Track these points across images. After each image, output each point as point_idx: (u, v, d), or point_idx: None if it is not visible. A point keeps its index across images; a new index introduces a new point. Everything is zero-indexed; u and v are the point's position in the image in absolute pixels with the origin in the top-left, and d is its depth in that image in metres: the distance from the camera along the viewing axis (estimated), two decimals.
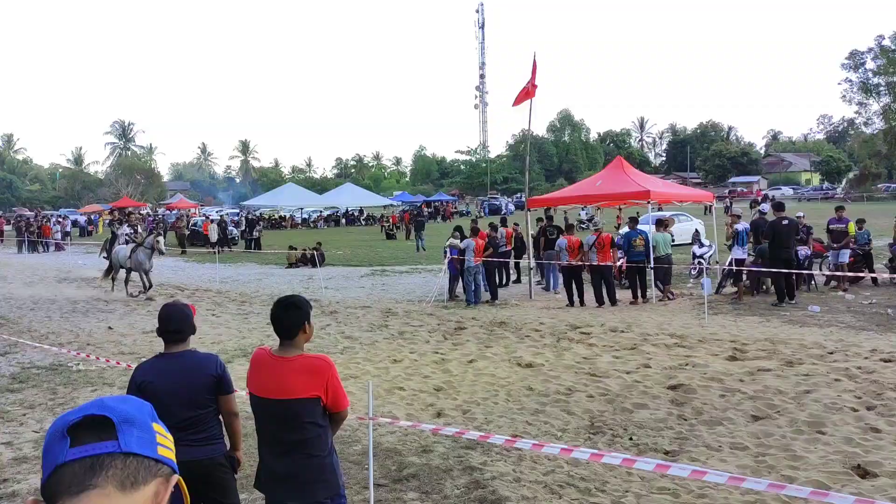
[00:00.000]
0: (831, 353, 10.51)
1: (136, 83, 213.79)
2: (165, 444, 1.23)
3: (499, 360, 10.67)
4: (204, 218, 48.44)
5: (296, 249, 28.16)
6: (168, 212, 63.51)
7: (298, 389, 3.73)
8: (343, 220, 66.06)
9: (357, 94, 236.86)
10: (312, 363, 3.80)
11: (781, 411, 7.81)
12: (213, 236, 35.80)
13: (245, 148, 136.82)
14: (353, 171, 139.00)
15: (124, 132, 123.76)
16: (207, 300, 17.97)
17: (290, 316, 3.84)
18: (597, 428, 7.51)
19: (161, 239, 20.13)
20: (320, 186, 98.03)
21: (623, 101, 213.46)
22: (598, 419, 7.79)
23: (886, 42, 77.36)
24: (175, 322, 4.26)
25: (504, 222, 21.62)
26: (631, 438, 7.14)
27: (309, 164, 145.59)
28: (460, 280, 17.53)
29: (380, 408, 8.19)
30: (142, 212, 56.42)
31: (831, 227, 17.81)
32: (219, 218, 43.47)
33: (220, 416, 4.28)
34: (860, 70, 79.28)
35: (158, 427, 1.24)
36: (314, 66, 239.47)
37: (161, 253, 20.10)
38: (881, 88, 78.45)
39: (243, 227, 40.97)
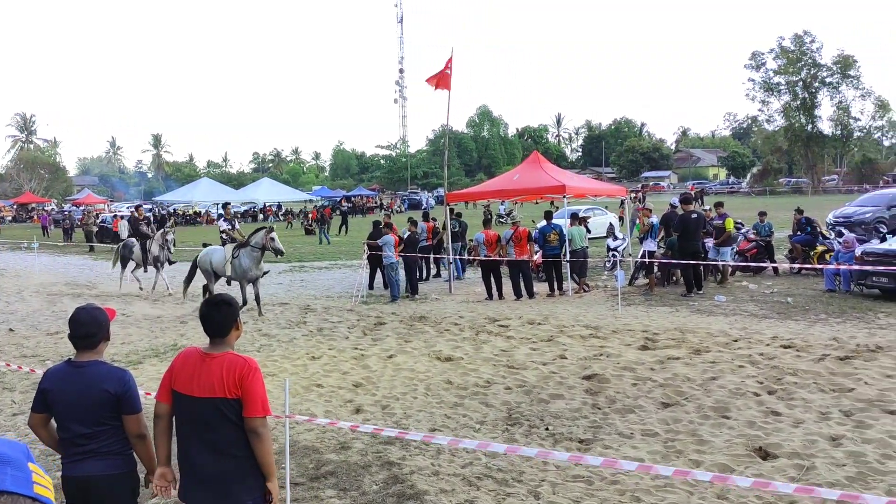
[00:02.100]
0: (736, 341, 10.98)
1: (39, 74, 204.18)
2: (42, 482, 1.24)
3: (418, 355, 10.69)
4: (114, 215, 46.65)
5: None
6: (74, 208, 60.92)
7: (224, 388, 3.64)
8: (261, 216, 64.84)
9: (275, 88, 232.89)
10: (238, 362, 3.71)
11: (689, 398, 8.11)
12: (124, 233, 34.52)
13: (157, 142, 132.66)
14: (270, 165, 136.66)
15: (26, 125, 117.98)
16: (117, 300, 17.33)
17: (222, 313, 3.79)
18: (514, 419, 7.62)
19: (275, 235, 15.00)
20: (237, 181, 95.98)
21: (540, 98, 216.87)
22: (516, 410, 7.90)
23: (786, 43, 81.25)
24: (84, 327, 3.94)
25: (425, 217, 21.65)
26: (547, 428, 7.27)
27: (225, 159, 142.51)
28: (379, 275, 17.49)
29: (297, 405, 8.09)
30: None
31: (714, 223, 18.02)
32: (129, 214, 42.01)
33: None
34: (762, 70, 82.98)
35: (35, 467, 1.25)
36: (231, 59, 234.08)
37: (280, 253, 15.47)
38: (782, 87, 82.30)
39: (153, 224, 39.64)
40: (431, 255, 19.99)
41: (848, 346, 10.29)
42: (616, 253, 19.79)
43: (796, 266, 18.11)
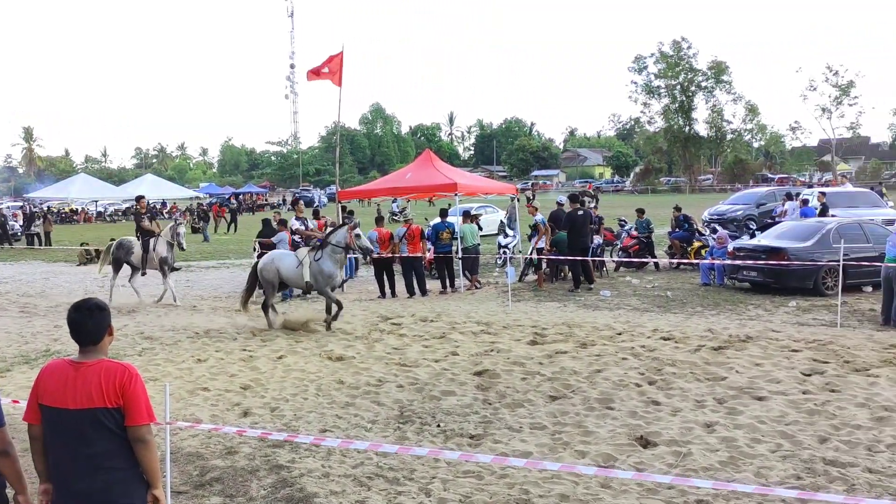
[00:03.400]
0: (619, 334, 11.40)
1: None
2: None
3: (309, 355, 10.53)
4: None
5: (88, 245, 26.12)
6: None
7: (104, 397, 3.42)
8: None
9: (160, 80, 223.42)
10: (116, 369, 3.51)
11: (576, 390, 8.35)
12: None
13: (29, 135, 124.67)
14: (154, 161, 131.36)
15: None
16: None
17: (95, 319, 3.55)
18: (406, 417, 7.62)
19: (361, 232, 12.93)
20: (118, 178, 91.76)
21: (433, 96, 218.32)
22: (408, 408, 7.91)
23: (666, 48, 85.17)
24: None
25: (316, 214, 21.34)
26: (439, 425, 7.31)
27: (104, 154, 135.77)
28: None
29: (181, 411, 7.80)
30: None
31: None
32: (133, 205, 39.37)
33: None
34: (644, 73, 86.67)
35: None
36: (111, 48, 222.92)
37: (369, 254, 13.78)
38: (662, 90, 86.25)
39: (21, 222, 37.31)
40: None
41: (721, 337, 10.88)
42: (507, 250, 20.16)
43: (675, 261, 18.99)
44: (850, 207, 21.80)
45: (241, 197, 73.24)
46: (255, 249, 17.64)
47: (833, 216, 18.21)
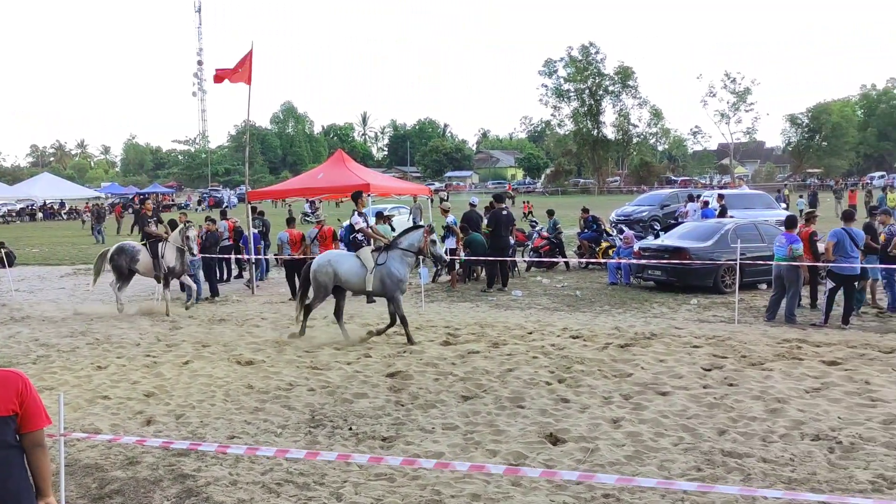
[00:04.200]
0: (530, 333, 11.59)
1: None
2: None
3: (217, 360, 10.24)
4: None
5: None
6: None
7: (4, 405, 3.25)
8: (40, 215, 59.24)
9: (57, 74, 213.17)
10: (9, 376, 3.32)
11: (488, 390, 8.43)
12: None
13: None
14: (52, 160, 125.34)
15: None
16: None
17: None
18: (317, 421, 7.51)
19: (436, 237, 12.23)
20: (11, 176, 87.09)
21: (346, 96, 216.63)
22: (319, 412, 7.79)
23: (575, 53, 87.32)
24: None
25: (224, 215, 20.81)
26: (350, 428, 7.24)
27: None
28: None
29: (79, 420, 7.46)
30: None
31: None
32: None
33: None
34: (554, 77, 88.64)
35: None
36: (1, 38, 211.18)
37: (440, 262, 12.84)
38: (571, 94, 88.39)
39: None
40: (233, 256, 19.26)
41: (627, 335, 11.21)
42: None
43: (584, 261, 19.45)
44: (746, 209, 22.91)
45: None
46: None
47: (731, 217, 19.07)
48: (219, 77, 17.03)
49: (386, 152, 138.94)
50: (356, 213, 12.08)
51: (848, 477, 5.76)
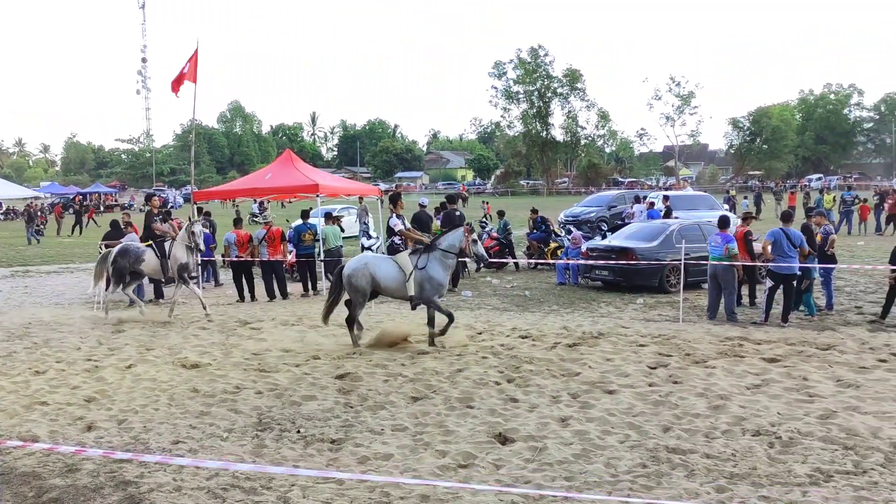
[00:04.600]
0: (480, 333, 11.64)
1: None
2: None
3: (161, 363, 10.02)
4: None
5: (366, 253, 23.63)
6: None
7: None
8: None
9: None
10: None
11: (437, 390, 8.43)
12: None
13: None
14: None
15: None
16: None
17: None
18: (265, 424, 7.41)
19: (476, 236, 11.47)
20: None
21: (295, 96, 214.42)
22: (267, 415, 7.69)
23: (524, 55, 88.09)
24: None
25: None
26: (299, 431, 7.16)
27: None
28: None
29: (15, 428, 7.22)
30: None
31: None
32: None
33: None
34: (503, 78, 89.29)
35: None
36: None
37: (483, 262, 11.79)
38: (520, 96, 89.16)
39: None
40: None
41: (575, 334, 11.34)
42: (370, 252, 20.09)
43: (533, 262, 19.61)
44: (690, 210, 23.40)
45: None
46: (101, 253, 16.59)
47: (676, 218, 19.45)
48: (175, 86, 16.71)
49: (335, 152, 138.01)
50: (394, 214, 11.41)
51: (787, 471, 5.92)
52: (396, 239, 11.08)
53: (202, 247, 14.07)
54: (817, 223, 13.46)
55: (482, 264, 12.32)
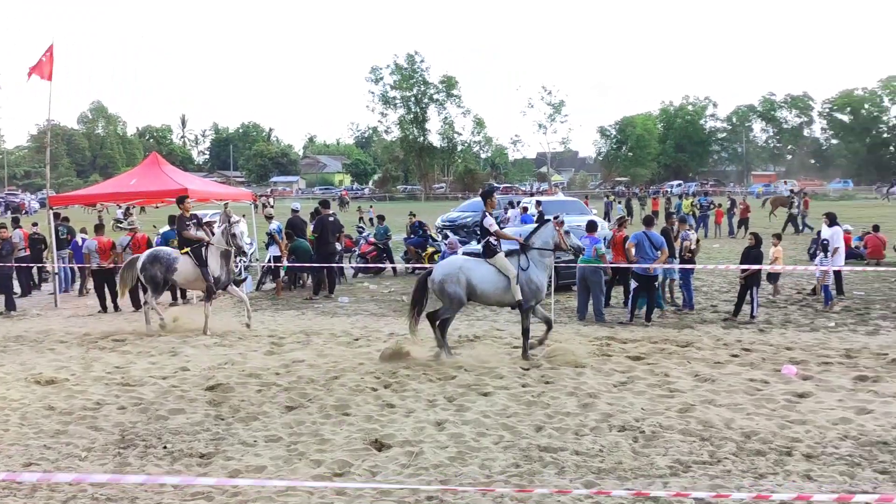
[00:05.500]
0: (357, 340, 11.57)
1: None
2: None
3: (12, 380, 9.31)
4: None
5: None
6: None
7: None
8: None
9: None
10: None
11: (313, 399, 8.29)
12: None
13: None
14: None
15: None
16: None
17: None
18: (128, 441, 7.04)
19: (569, 229, 10.74)
20: None
21: (163, 97, 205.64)
22: (130, 431, 7.31)
23: (400, 61, 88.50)
24: None
25: (17, 221, 19.05)
26: (165, 447, 6.84)
27: None
28: None
29: None
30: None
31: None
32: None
33: None
34: (380, 84, 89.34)
35: None
36: None
37: (580, 252, 11.34)
38: (397, 101, 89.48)
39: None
40: (35, 266, 17.68)
41: (452, 338, 11.41)
42: (244, 258, 19.55)
43: (410, 266, 19.68)
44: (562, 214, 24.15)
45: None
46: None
47: None
48: (30, 74, 15.67)
49: (207, 156, 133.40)
50: (486, 214, 10.45)
51: (650, 464, 6.22)
52: (493, 240, 10.21)
53: (244, 248, 12.63)
54: (680, 228, 14.22)
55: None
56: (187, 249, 12.57)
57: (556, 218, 10.55)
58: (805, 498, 4.89)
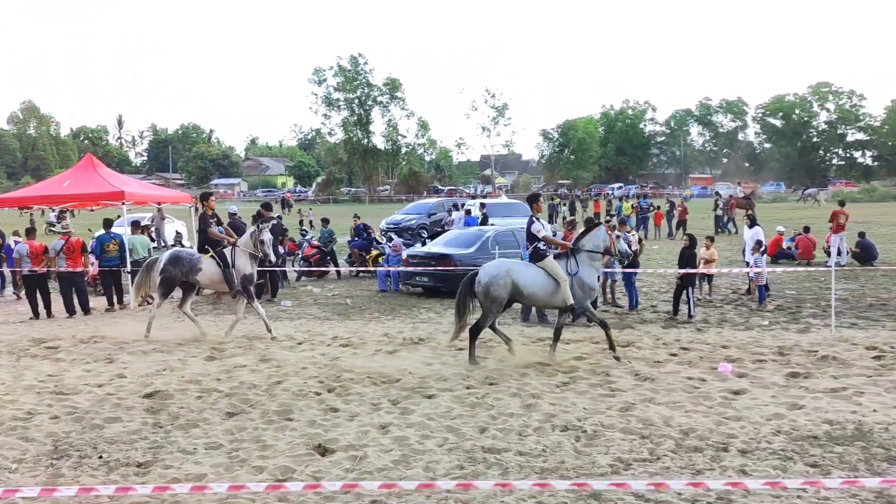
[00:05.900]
0: (300, 344, 11.44)
1: None
2: None
3: None
4: None
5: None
6: None
7: None
8: None
9: None
10: None
11: (255, 404, 8.17)
12: None
13: None
14: None
15: None
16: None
17: None
18: (61, 451, 6.82)
19: (619, 232, 11.27)
20: None
21: (98, 97, 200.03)
22: (64, 441, 7.08)
23: (344, 63, 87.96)
24: None
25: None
26: (101, 457, 6.65)
27: None
28: None
29: None
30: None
31: None
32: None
33: None
34: (324, 85, 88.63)
35: None
36: None
37: (628, 258, 11.37)
38: (341, 103, 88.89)
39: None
40: None
41: (396, 341, 11.45)
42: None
43: (354, 269, 19.58)
44: (505, 217, 24.41)
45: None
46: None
47: (492, 225, 20.20)
48: None
49: (145, 158, 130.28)
50: (535, 219, 10.39)
51: (591, 462, 6.31)
52: (541, 245, 10.18)
53: (272, 257, 12.39)
54: (621, 230, 14.48)
55: (625, 262, 11.48)
56: (212, 253, 12.18)
57: (607, 222, 10.28)
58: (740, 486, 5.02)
